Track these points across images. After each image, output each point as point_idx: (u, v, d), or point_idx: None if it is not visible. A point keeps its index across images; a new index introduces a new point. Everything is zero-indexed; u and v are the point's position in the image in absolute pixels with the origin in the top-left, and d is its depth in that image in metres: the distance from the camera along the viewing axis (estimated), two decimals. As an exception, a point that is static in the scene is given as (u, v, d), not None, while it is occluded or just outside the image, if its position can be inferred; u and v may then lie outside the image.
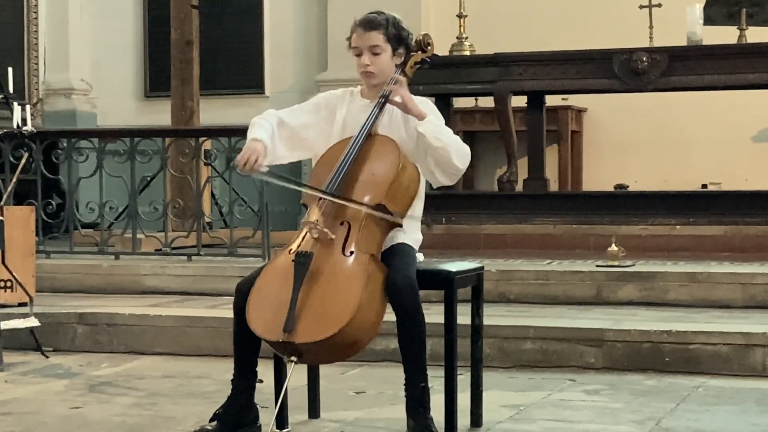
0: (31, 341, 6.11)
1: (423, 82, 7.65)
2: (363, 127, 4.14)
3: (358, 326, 3.82)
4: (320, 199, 4.04)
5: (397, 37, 4.21)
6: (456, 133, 4.23)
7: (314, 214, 4.03)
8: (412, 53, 4.29)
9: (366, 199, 4.01)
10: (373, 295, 3.88)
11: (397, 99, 4.13)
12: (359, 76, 4.26)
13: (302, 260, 3.91)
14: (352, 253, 3.93)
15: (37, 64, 10.94)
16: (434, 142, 4.07)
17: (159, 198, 8.03)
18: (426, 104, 4.24)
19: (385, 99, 4.17)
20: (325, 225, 3.97)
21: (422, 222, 4.32)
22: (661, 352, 5.47)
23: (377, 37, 4.18)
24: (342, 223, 3.99)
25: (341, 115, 4.28)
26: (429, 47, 4.35)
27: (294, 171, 4.30)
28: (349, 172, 4.05)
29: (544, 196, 8.37)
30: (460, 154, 4.11)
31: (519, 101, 8.53)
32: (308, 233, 3.99)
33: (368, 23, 4.20)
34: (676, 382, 5.23)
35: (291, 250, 3.99)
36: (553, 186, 9.24)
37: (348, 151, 4.09)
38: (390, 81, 4.19)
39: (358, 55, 4.22)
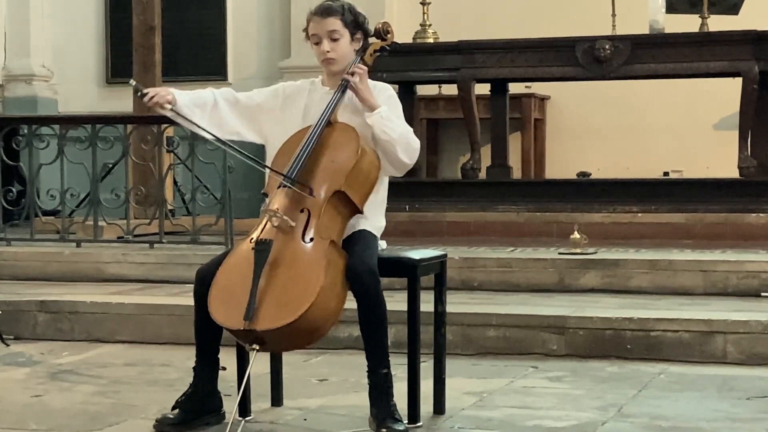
0: (-9, 329, 6.08)
1: (387, 69, 7.64)
2: (323, 114, 4.14)
3: (318, 312, 3.82)
4: (280, 187, 4.04)
5: (354, 22, 4.23)
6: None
7: (275, 203, 4.03)
8: (371, 41, 4.30)
9: (325, 187, 4.01)
10: (333, 281, 3.88)
11: (355, 79, 4.13)
12: (320, 64, 4.27)
13: (262, 248, 3.91)
14: (311, 239, 3.93)
15: (-3, 49, 10.84)
16: (381, 135, 4.10)
17: (121, 185, 7.98)
18: (384, 91, 4.24)
19: (345, 86, 4.18)
20: (285, 212, 3.97)
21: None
22: (623, 339, 5.50)
23: (335, 23, 4.19)
24: (302, 210, 3.99)
25: (302, 104, 4.29)
26: (388, 35, 4.35)
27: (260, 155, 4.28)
28: (308, 159, 4.05)
29: (508, 183, 8.39)
30: (405, 149, 4.13)
31: (482, 89, 8.53)
32: (269, 221, 3.99)
33: (325, 10, 4.21)
34: (638, 368, 5.26)
35: (252, 238, 3.98)
36: (516, 173, 9.26)
37: (308, 139, 4.09)
38: (349, 68, 4.20)
39: (317, 43, 4.23)
